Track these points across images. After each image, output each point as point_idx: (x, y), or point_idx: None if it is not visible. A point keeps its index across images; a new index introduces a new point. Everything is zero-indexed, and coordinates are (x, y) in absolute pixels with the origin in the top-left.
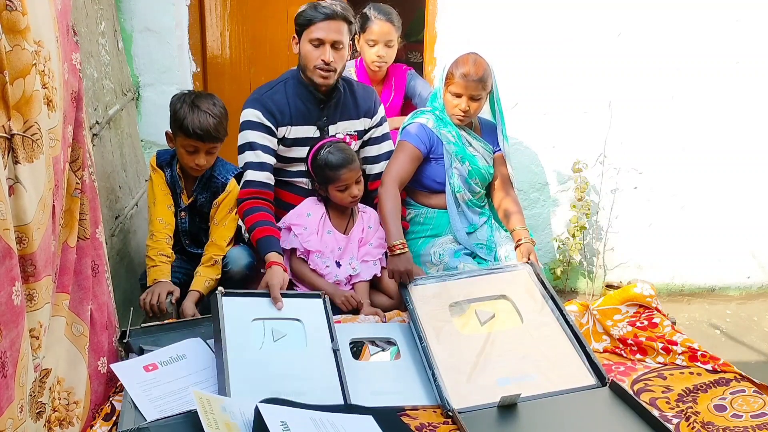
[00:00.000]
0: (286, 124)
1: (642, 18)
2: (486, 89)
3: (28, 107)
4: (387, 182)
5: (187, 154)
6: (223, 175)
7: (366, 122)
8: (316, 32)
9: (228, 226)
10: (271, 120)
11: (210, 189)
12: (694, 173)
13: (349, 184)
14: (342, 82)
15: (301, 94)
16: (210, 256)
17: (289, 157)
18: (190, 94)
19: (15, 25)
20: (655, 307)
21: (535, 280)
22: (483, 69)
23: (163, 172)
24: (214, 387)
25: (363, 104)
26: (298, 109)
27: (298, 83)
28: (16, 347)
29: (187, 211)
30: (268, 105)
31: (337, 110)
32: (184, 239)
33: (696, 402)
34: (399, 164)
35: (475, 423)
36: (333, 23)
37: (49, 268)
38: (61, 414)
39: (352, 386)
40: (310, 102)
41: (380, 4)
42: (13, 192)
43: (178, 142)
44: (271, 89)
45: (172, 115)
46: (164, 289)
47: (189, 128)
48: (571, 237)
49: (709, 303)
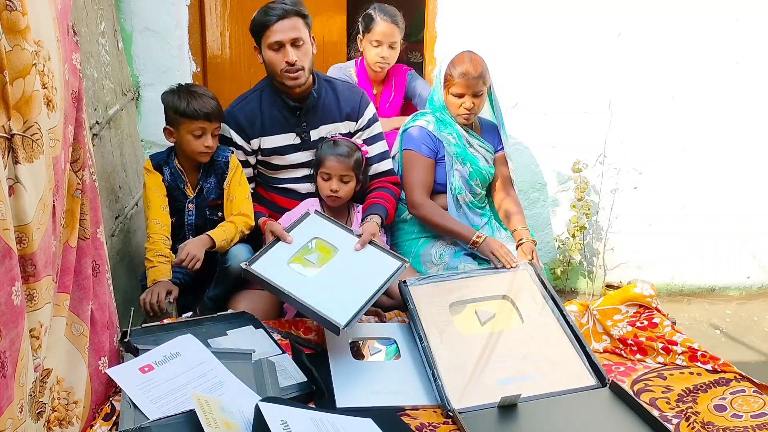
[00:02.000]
0: (257, 135)
1: (642, 18)
2: (486, 84)
3: (28, 107)
4: (418, 202)
5: (195, 139)
6: (221, 155)
7: (350, 125)
8: (272, 36)
9: (248, 199)
10: (241, 134)
11: (214, 172)
12: (694, 173)
13: (332, 174)
14: (324, 84)
15: (275, 103)
16: (240, 218)
17: (273, 164)
18: (180, 87)
19: (15, 25)
20: (655, 307)
21: (535, 280)
22: (480, 64)
23: (161, 173)
24: (213, 381)
25: (346, 106)
26: (272, 117)
27: (272, 92)
28: (15, 347)
29: (194, 203)
30: (238, 119)
31: (317, 115)
32: (189, 234)
33: (696, 402)
34: (419, 177)
35: (476, 423)
36: (287, 21)
37: (50, 268)
38: (61, 414)
39: (352, 386)
40: (285, 110)
41: (384, 5)
42: (13, 192)
43: (183, 129)
44: (244, 99)
45: (171, 107)
46: (163, 289)
47: (197, 110)
48: (571, 237)
49: (709, 303)
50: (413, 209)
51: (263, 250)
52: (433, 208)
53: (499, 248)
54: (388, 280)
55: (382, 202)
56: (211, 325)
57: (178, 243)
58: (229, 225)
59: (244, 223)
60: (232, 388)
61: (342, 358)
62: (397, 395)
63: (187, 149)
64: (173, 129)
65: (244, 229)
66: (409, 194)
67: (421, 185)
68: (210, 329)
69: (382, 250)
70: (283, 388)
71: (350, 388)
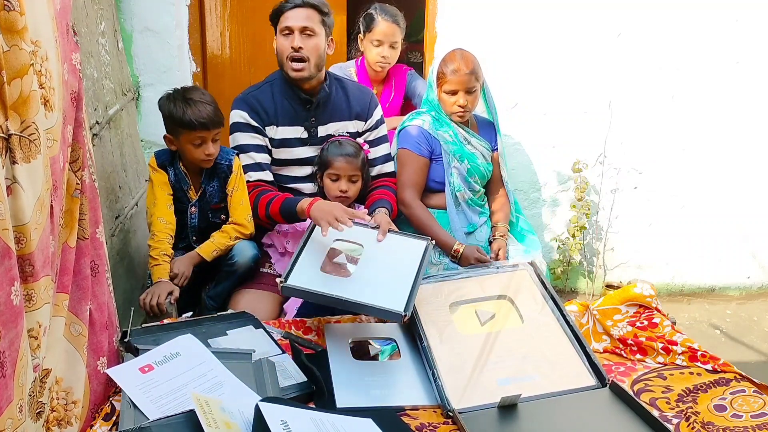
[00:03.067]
0: (272, 123)
1: (642, 18)
2: (479, 80)
3: (25, 107)
4: (408, 201)
5: (195, 148)
6: (225, 158)
7: (358, 125)
8: (284, 21)
9: (243, 205)
10: (257, 119)
11: (218, 176)
12: (694, 173)
13: (340, 174)
14: (334, 82)
15: (286, 94)
16: (232, 228)
17: (278, 159)
18: (176, 92)
19: (13, 25)
20: (655, 307)
21: (535, 280)
22: (472, 61)
23: (166, 172)
24: (213, 381)
25: (356, 105)
26: (284, 108)
27: (283, 82)
28: (15, 347)
29: (197, 206)
30: (253, 104)
31: (326, 111)
32: (191, 235)
33: (696, 402)
34: (411, 177)
35: (476, 423)
36: (302, 10)
37: (48, 268)
38: (59, 414)
39: (352, 386)
40: (295, 102)
41: (386, 4)
42: (11, 192)
43: (183, 139)
44: (257, 89)
45: (169, 117)
46: (164, 290)
47: (193, 121)
48: (571, 237)
49: (709, 303)
50: (403, 207)
51: (291, 264)
52: (422, 211)
53: (478, 252)
54: (422, 260)
55: (386, 198)
56: (211, 325)
57: (180, 243)
58: (220, 236)
59: (237, 232)
60: (232, 389)
61: (342, 358)
62: (397, 395)
63: (188, 157)
64: (173, 137)
65: (237, 236)
66: (400, 192)
67: (412, 185)
68: (210, 329)
69: (403, 235)
70: (283, 388)
71: (350, 388)
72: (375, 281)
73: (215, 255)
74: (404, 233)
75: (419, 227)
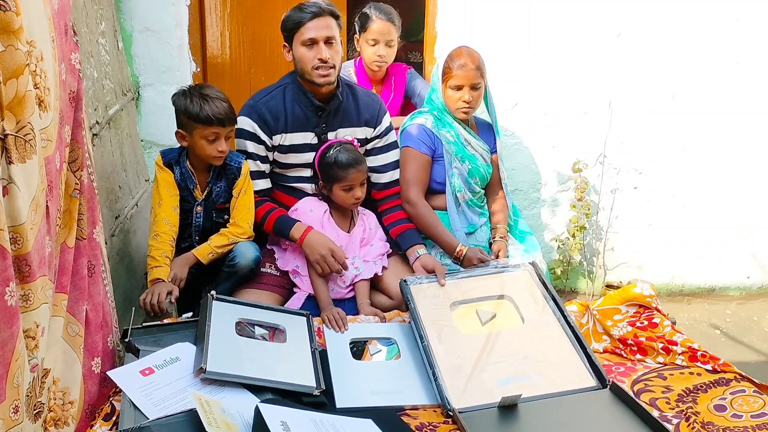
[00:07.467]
0: (280, 131)
1: (642, 18)
2: (483, 77)
3: (21, 107)
4: (413, 200)
5: (208, 144)
6: (234, 160)
7: (367, 131)
8: (306, 33)
9: (250, 210)
10: (264, 129)
11: (226, 177)
12: (694, 173)
13: (354, 184)
14: (345, 89)
15: (299, 100)
16: (231, 232)
17: (286, 163)
18: (192, 88)
19: (9, 25)
20: (655, 307)
21: (536, 280)
22: (477, 58)
23: (172, 171)
24: (210, 386)
25: (365, 112)
26: (295, 115)
27: (296, 89)
28: (9, 348)
29: (202, 206)
30: (263, 113)
31: (337, 117)
32: (195, 235)
33: (696, 402)
34: (415, 174)
35: (476, 423)
36: (321, 20)
37: (45, 268)
38: (57, 414)
39: (352, 386)
40: (308, 108)
41: (380, 3)
42: (6, 192)
43: (197, 134)
44: (268, 94)
45: (183, 111)
46: (164, 289)
47: (210, 116)
48: (571, 237)
49: (709, 303)
50: (407, 206)
51: (204, 349)
52: (426, 210)
53: (481, 254)
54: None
55: (412, 226)
56: None
57: (183, 243)
58: (218, 239)
59: (236, 236)
60: (231, 392)
61: (342, 358)
62: (397, 395)
63: (200, 153)
64: (186, 133)
65: (235, 240)
66: (404, 191)
67: (416, 182)
68: None
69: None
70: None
71: (350, 388)
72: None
73: (211, 258)
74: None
75: (423, 227)
